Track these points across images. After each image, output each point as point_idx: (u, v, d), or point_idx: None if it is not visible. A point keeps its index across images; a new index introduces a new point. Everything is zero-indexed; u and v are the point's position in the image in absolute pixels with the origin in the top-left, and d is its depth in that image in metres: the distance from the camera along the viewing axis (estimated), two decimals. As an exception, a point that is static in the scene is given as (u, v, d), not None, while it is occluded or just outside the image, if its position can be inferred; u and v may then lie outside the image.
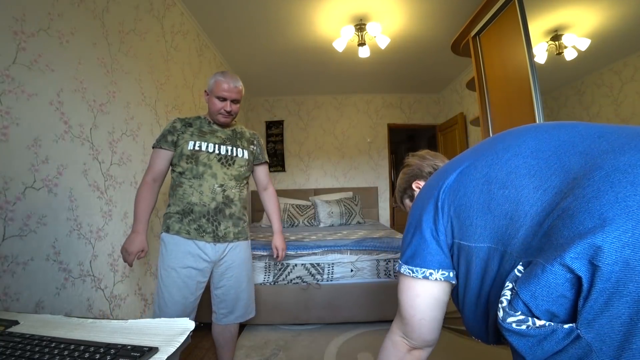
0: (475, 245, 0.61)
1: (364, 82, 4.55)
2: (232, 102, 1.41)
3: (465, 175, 0.65)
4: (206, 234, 1.36)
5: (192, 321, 0.63)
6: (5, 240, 1.13)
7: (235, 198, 1.43)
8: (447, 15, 2.86)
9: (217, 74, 1.43)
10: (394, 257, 2.35)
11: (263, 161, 1.61)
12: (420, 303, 0.74)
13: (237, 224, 1.45)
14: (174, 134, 1.40)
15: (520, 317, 0.48)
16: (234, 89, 1.39)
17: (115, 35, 1.78)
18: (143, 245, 1.33)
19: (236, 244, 1.46)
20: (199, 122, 1.47)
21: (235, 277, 1.46)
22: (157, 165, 1.41)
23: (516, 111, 2.25)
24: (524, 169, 0.57)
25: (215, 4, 2.61)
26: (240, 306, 1.50)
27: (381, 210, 5.05)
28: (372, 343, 2.07)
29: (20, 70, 1.21)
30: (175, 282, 1.33)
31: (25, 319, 0.69)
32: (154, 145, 1.42)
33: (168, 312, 1.33)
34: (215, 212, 1.38)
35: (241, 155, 1.47)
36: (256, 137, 1.61)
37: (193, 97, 2.82)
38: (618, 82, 2.04)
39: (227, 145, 1.45)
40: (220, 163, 1.40)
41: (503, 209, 0.58)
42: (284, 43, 3.30)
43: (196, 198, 1.36)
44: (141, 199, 1.37)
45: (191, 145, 1.38)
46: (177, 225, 1.36)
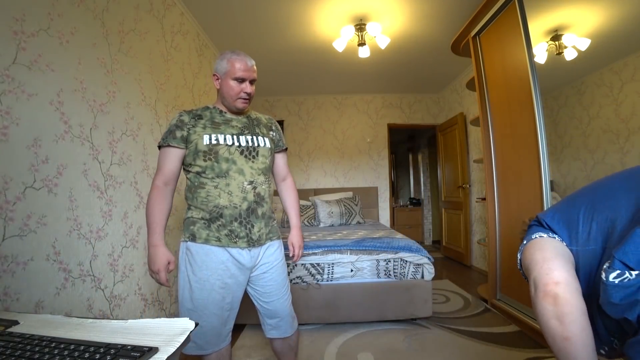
0: (584, 249, 0.81)
1: (364, 82, 4.55)
2: (251, 83, 1.24)
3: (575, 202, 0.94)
4: (239, 239, 1.21)
5: (191, 321, 0.63)
6: (5, 240, 1.13)
7: (266, 195, 1.28)
8: (447, 15, 2.86)
9: (227, 53, 1.23)
10: (393, 257, 2.35)
11: (283, 148, 1.43)
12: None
13: (268, 224, 1.30)
14: (183, 129, 1.21)
15: (618, 271, 0.64)
16: (250, 67, 1.22)
17: (115, 35, 1.78)
18: (167, 257, 1.17)
19: (269, 245, 1.32)
20: (209, 112, 1.28)
21: (276, 280, 1.32)
22: (167, 166, 1.22)
23: (516, 111, 2.25)
24: (620, 187, 0.83)
25: (215, 4, 2.61)
26: (286, 316, 1.37)
27: (381, 210, 5.05)
28: (372, 343, 2.07)
29: (20, 70, 1.21)
30: (210, 295, 1.20)
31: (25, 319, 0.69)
32: (160, 144, 1.23)
33: (205, 327, 1.21)
34: (247, 213, 1.22)
35: (263, 145, 1.29)
36: (273, 122, 1.42)
37: (193, 97, 2.82)
38: (618, 82, 2.04)
39: (245, 134, 1.27)
40: (244, 156, 1.23)
41: (604, 215, 0.79)
42: (284, 43, 3.30)
43: (225, 200, 1.19)
44: (153, 206, 1.19)
45: (207, 139, 1.20)
46: (205, 232, 1.20)
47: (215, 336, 1.24)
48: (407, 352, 1.94)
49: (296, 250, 1.44)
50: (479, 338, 2.09)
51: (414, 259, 2.34)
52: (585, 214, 0.85)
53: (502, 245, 2.51)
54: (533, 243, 0.90)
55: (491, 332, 2.17)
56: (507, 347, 1.95)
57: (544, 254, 0.83)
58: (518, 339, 2.05)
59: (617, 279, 0.65)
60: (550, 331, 0.74)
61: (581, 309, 0.73)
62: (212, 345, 1.24)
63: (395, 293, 2.31)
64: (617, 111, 2.06)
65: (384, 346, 2.02)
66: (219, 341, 1.25)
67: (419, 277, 2.36)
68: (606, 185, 0.88)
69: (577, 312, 0.72)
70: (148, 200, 1.21)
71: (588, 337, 0.71)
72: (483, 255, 3.85)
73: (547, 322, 0.75)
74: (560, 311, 0.72)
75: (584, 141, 2.30)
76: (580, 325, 0.71)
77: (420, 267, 2.36)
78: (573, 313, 0.72)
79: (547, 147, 2.01)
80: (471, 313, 2.54)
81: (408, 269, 2.35)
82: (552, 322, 0.74)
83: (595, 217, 0.82)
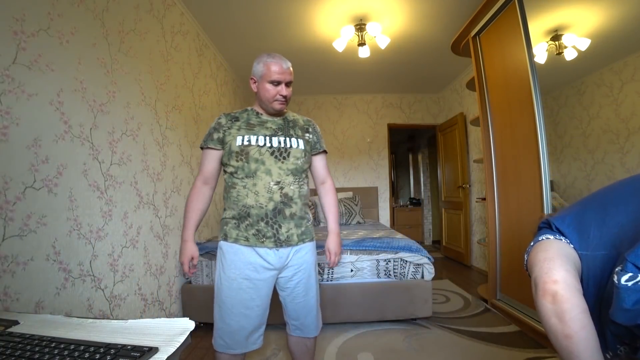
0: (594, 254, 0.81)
1: (364, 82, 4.55)
2: (287, 85, 1.26)
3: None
4: (266, 239, 1.23)
5: (191, 321, 0.63)
6: (5, 240, 1.13)
7: (294, 195, 1.27)
8: (447, 15, 2.86)
9: (263, 56, 1.26)
10: (393, 257, 2.35)
11: (321, 150, 1.41)
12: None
13: (300, 225, 1.29)
14: (220, 131, 1.28)
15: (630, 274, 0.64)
16: (286, 70, 1.24)
17: (115, 35, 1.78)
18: (192, 252, 1.27)
19: (301, 247, 1.30)
20: (246, 114, 1.32)
21: (304, 283, 1.32)
22: (206, 167, 1.31)
23: (516, 111, 2.25)
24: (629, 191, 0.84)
25: (215, 4, 2.61)
26: (311, 319, 1.37)
27: (381, 210, 5.05)
28: (372, 343, 2.07)
29: (20, 70, 1.21)
30: (237, 294, 1.22)
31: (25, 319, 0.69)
32: (201, 146, 1.32)
33: (233, 326, 1.23)
34: (274, 213, 1.23)
35: (296, 146, 1.29)
36: (311, 124, 1.41)
37: (193, 97, 2.82)
38: (618, 82, 2.04)
39: (279, 136, 1.29)
40: (274, 157, 1.25)
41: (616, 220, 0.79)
42: (284, 43, 3.30)
43: (252, 200, 1.22)
44: (189, 203, 1.29)
45: (239, 140, 1.24)
46: (235, 232, 1.24)
47: (243, 337, 1.24)
48: (407, 352, 1.94)
49: (332, 257, 1.43)
50: (479, 338, 2.09)
51: (414, 259, 2.34)
52: (596, 219, 0.85)
53: (502, 245, 2.51)
54: (539, 244, 0.91)
55: (491, 332, 2.17)
56: (507, 347, 1.95)
57: (546, 254, 0.83)
58: (518, 339, 2.05)
59: (629, 282, 0.64)
60: (552, 329, 0.74)
61: (581, 306, 0.72)
62: (241, 347, 1.25)
63: (395, 293, 2.31)
64: (617, 111, 2.06)
65: (384, 346, 2.02)
66: (248, 343, 1.26)
67: (419, 277, 2.36)
68: (617, 189, 0.88)
69: (576, 310, 0.72)
70: (187, 198, 1.32)
71: (590, 334, 0.70)
72: (483, 255, 3.85)
73: (548, 321, 0.75)
74: (559, 309, 0.72)
75: (584, 141, 2.30)
76: (581, 323, 0.70)
77: (420, 267, 2.36)
78: (572, 310, 0.71)
79: (547, 147, 2.00)
80: (471, 313, 2.54)
81: (408, 269, 2.35)
82: (552, 320, 0.74)
83: (607, 221, 0.82)
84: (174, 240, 2.35)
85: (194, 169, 2.75)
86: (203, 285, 2.37)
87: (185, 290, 2.36)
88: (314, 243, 1.39)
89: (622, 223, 0.79)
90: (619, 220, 0.80)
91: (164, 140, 2.26)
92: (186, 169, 2.61)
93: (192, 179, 2.70)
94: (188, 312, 2.34)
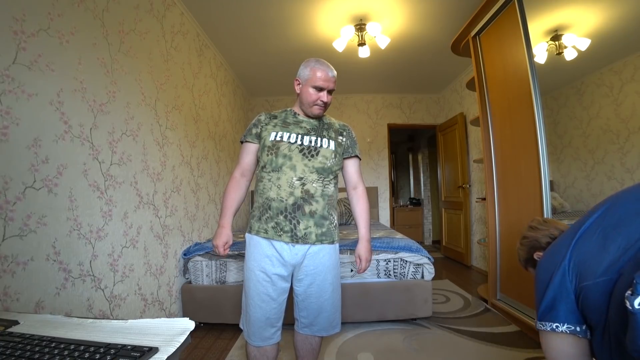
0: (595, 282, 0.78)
1: (364, 82, 4.55)
2: (328, 92, 1.31)
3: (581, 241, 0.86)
4: (284, 233, 1.25)
5: (191, 321, 0.63)
6: (5, 240, 1.13)
7: (316, 194, 1.26)
8: (447, 15, 2.86)
9: (311, 61, 1.31)
10: (393, 257, 2.35)
11: (353, 155, 1.41)
12: (553, 356, 0.90)
13: (321, 224, 1.28)
14: (258, 127, 1.35)
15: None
16: (331, 78, 1.29)
17: (115, 35, 1.78)
18: (227, 237, 1.31)
19: (320, 248, 1.29)
20: (285, 114, 1.38)
21: (318, 284, 1.31)
22: (244, 159, 1.37)
23: (516, 111, 2.25)
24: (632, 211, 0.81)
25: (215, 4, 2.61)
26: (323, 318, 1.34)
27: (381, 210, 5.05)
28: (372, 343, 2.07)
29: (20, 70, 1.21)
30: (255, 285, 1.27)
31: (25, 319, 0.69)
32: (241, 140, 1.39)
33: (251, 316, 1.27)
34: (293, 208, 1.24)
35: (326, 146, 1.31)
36: (347, 129, 1.43)
37: (193, 97, 2.82)
38: (618, 82, 2.04)
39: (311, 135, 1.32)
40: (302, 154, 1.27)
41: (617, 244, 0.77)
42: (284, 43, 3.30)
43: (274, 193, 1.25)
44: (226, 193, 1.35)
45: (273, 136, 1.30)
46: (257, 225, 1.29)
47: (258, 330, 1.28)
48: (407, 352, 1.94)
49: (363, 263, 1.39)
50: (479, 338, 2.09)
51: (414, 259, 2.34)
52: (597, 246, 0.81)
53: (502, 245, 2.51)
54: (563, 342, 0.86)
55: (491, 332, 2.17)
56: (507, 347, 1.95)
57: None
58: (518, 339, 2.05)
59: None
60: None
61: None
62: (257, 339, 1.29)
63: (395, 293, 2.31)
64: (617, 111, 2.06)
65: (384, 346, 2.02)
66: (263, 337, 1.29)
67: (419, 277, 2.36)
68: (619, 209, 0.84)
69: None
70: (225, 188, 1.38)
71: None
72: (483, 255, 3.85)
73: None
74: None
75: (584, 141, 2.30)
76: None
77: (420, 267, 2.36)
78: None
79: (547, 147, 2.01)
80: (471, 313, 2.54)
81: (408, 269, 2.35)
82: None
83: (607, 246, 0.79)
84: (174, 240, 2.35)
85: (193, 169, 2.75)
86: (203, 285, 2.37)
87: (185, 290, 2.36)
88: (336, 246, 1.36)
89: (623, 245, 0.76)
90: (620, 243, 0.77)
91: (164, 140, 2.26)
92: (186, 169, 2.61)
93: (192, 179, 2.70)
94: (188, 312, 2.34)
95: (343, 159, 1.39)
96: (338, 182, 1.41)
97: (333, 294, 1.34)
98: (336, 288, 1.36)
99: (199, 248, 2.39)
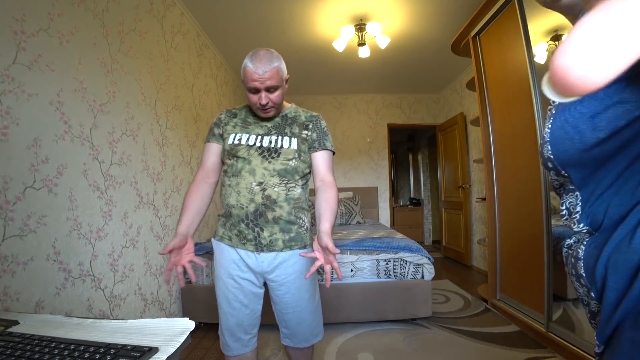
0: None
1: (364, 82, 4.55)
2: (268, 91, 1.13)
3: None
4: (247, 241, 1.17)
5: (191, 321, 0.63)
6: (5, 240, 1.13)
7: (279, 198, 1.15)
8: (447, 15, 2.86)
9: (246, 58, 1.14)
10: (393, 257, 2.35)
11: (319, 148, 1.25)
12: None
13: (288, 230, 1.18)
14: (220, 126, 1.25)
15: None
16: (264, 75, 1.09)
17: (115, 35, 1.78)
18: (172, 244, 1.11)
19: (290, 254, 1.19)
20: (245, 111, 1.27)
21: (293, 293, 1.22)
22: (207, 160, 1.26)
23: (516, 111, 2.25)
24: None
25: (215, 4, 2.61)
26: (304, 328, 1.27)
27: (381, 210, 5.05)
28: (372, 343, 2.07)
29: (20, 70, 1.21)
30: (224, 293, 1.21)
31: (25, 319, 0.69)
32: (205, 141, 1.29)
33: (223, 324, 1.22)
34: (255, 215, 1.15)
35: (287, 146, 1.19)
36: (314, 120, 1.28)
37: (193, 97, 2.82)
38: (618, 82, 2.03)
39: (272, 135, 1.20)
40: (262, 157, 1.17)
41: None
42: (284, 43, 3.30)
43: (234, 199, 1.16)
44: (185, 197, 1.22)
45: (231, 138, 1.20)
46: (221, 230, 1.22)
47: (233, 339, 1.23)
48: (407, 352, 1.94)
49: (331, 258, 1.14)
50: (479, 338, 2.09)
51: (414, 259, 2.34)
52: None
53: (502, 245, 2.51)
54: None
55: (491, 332, 2.17)
56: (507, 347, 1.95)
57: None
58: (518, 339, 2.05)
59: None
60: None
61: None
62: (232, 349, 1.24)
63: (395, 293, 2.31)
64: (617, 111, 2.06)
65: (384, 346, 2.02)
66: (239, 345, 1.24)
67: (419, 277, 2.36)
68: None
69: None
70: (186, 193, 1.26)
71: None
72: (483, 255, 3.85)
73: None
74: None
75: (584, 141, 2.29)
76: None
77: (420, 267, 2.36)
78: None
79: (547, 147, 2.00)
80: (471, 313, 2.54)
81: (408, 269, 2.35)
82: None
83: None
84: (174, 240, 2.35)
85: (193, 169, 2.75)
86: (203, 285, 2.37)
87: (185, 290, 2.36)
88: (308, 250, 1.23)
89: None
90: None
91: (164, 140, 2.26)
92: (186, 169, 2.61)
93: (192, 179, 2.70)
94: (188, 312, 2.34)
95: (311, 153, 1.26)
96: (309, 181, 1.31)
97: (310, 301, 1.26)
98: (313, 295, 1.28)
99: (199, 248, 2.39)
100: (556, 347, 1.85)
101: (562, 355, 1.80)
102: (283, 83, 1.17)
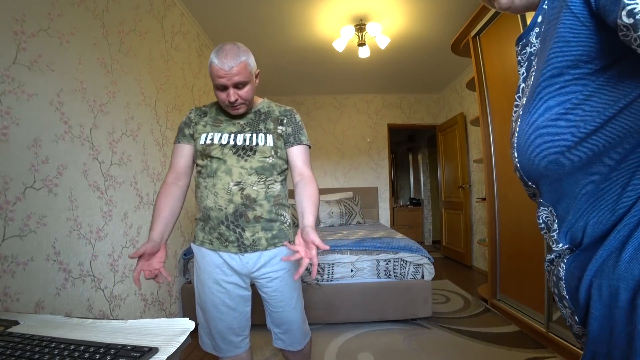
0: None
1: (364, 82, 4.55)
2: (236, 87, 1.08)
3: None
4: (230, 243, 1.13)
5: (191, 321, 0.63)
6: (5, 240, 1.13)
7: (259, 197, 1.13)
8: (447, 15, 2.86)
9: (212, 54, 1.09)
10: (393, 257, 2.35)
11: (295, 143, 1.22)
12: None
13: (270, 228, 1.16)
14: (190, 126, 1.20)
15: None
16: (228, 72, 1.05)
17: (115, 35, 1.78)
18: (143, 249, 1.07)
19: (275, 252, 1.17)
20: (215, 109, 1.22)
21: (281, 291, 1.20)
22: (177, 162, 1.21)
23: (516, 111, 2.25)
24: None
25: (215, 4, 2.61)
26: (295, 330, 1.25)
27: (381, 211, 5.05)
28: (372, 343, 2.07)
29: (20, 70, 1.21)
30: (210, 298, 1.17)
31: (25, 319, 0.69)
32: (174, 143, 1.24)
33: (212, 329, 1.20)
34: (235, 216, 1.12)
35: (263, 143, 1.16)
36: (288, 115, 1.24)
37: (193, 97, 2.82)
38: (618, 82, 2.03)
39: (245, 132, 1.17)
40: (237, 155, 1.13)
41: None
42: (284, 43, 3.30)
43: (211, 201, 1.12)
44: (156, 202, 1.16)
45: (203, 138, 1.15)
46: (201, 235, 1.19)
47: (225, 342, 1.22)
48: (407, 352, 1.94)
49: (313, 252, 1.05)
50: (479, 338, 2.09)
51: (414, 259, 2.34)
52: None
53: (502, 245, 2.51)
54: None
55: (491, 332, 2.17)
56: (507, 347, 1.95)
57: None
58: (518, 339, 2.05)
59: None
60: None
61: None
62: (225, 351, 1.23)
63: (395, 293, 2.31)
64: (617, 111, 2.06)
65: (384, 346, 2.02)
66: (231, 347, 1.23)
67: (419, 277, 2.36)
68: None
69: None
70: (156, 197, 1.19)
71: None
72: (483, 255, 3.85)
73: None
74: None
75: (584, 141, 2.29)
76: None
77: (420, 267, 2.36)
78: None
79: (547, 147, 2.00)
80: (471, 313, 2.54)
81: (408, 269, 2.35)
82: None
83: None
84: (174, 240, 2.35)
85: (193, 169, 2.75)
86: (203, 286, 2.37)
87: (185, 291, 2.36)
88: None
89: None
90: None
91: (164, 141, 2.26)
92: (186, 169, 2.61)
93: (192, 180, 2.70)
94: (188, 312, 2.34)
95: (287, 148, 1.22)
96: (287, 176, 1.28)
97: (299, 300, 1.26)
98: (300, 293, 1.28)
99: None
100: (556, 347, 1.85)
101: (562, 355, 1.80)
102: (252, 78, 1.13)
